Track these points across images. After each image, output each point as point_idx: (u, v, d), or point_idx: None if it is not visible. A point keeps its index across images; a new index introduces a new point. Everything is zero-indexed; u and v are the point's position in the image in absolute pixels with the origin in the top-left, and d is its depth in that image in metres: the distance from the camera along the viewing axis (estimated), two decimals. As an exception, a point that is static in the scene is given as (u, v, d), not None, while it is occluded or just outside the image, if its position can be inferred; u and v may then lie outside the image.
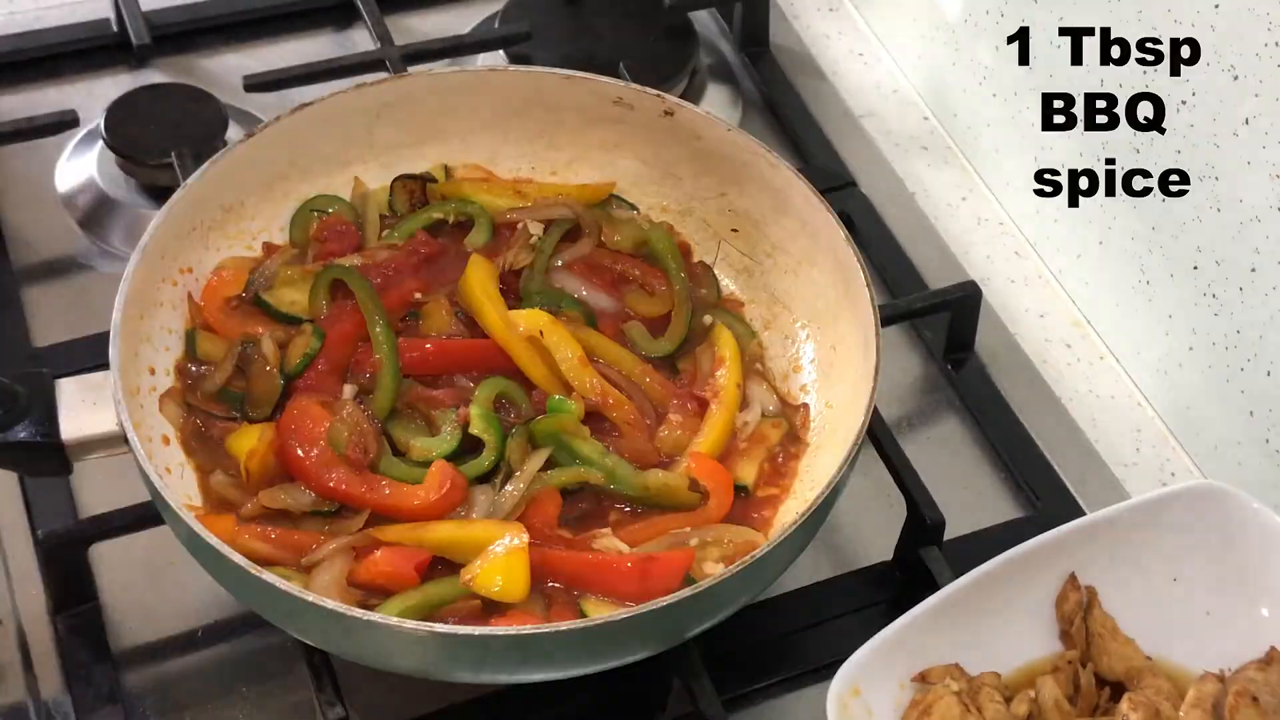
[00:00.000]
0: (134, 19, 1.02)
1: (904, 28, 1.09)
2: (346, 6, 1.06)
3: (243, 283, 0.81)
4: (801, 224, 0.82)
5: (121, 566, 0.78)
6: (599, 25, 1.06)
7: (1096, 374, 0.93)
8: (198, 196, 0.79)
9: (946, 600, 0.71)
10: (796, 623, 0.78)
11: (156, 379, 0.76)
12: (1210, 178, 0.82)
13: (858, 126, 1.05)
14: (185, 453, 0.75)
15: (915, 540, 0.78)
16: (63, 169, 0.97)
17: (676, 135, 0.85)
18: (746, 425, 0.79)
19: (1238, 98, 0.79)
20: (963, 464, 0.87)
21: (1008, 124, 0.99)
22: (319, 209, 0.85)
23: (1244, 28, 0.77)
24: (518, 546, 0.69)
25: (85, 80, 1.03)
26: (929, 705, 0.69)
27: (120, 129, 0.95)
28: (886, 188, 1.01)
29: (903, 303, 0.91)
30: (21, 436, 0.70)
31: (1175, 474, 0.88)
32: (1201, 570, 0.75)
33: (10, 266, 0.91)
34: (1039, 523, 0.79)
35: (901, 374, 0.91)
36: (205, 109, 0.97)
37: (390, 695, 0.75)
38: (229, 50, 1.06)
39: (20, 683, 0.74)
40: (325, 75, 0.97)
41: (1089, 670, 0.72)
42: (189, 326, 0.79)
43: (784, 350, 0.84)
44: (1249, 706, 0.68)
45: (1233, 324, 0.83)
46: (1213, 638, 0.74)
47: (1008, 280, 0.98)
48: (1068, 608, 0.74)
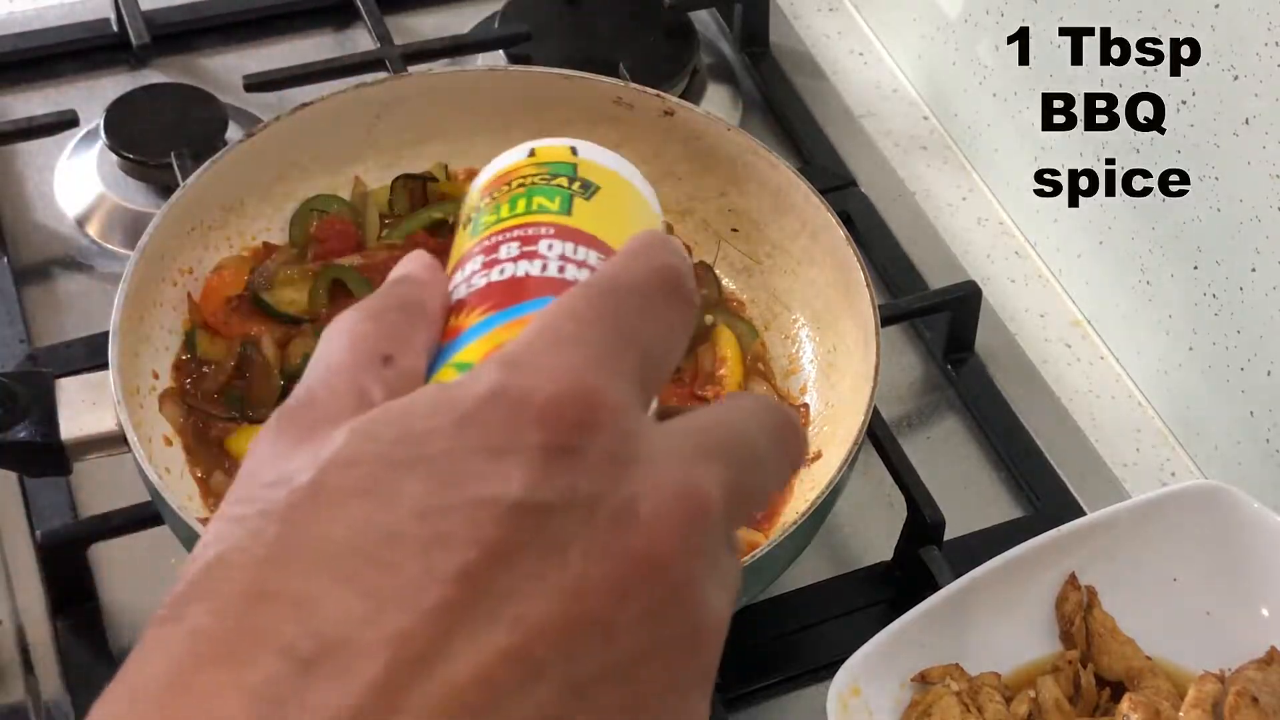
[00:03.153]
0: (134, 19, 1.02)
1: (904, 28, 1.09)
2: (346, 6, 1.05)
3: (243, 283, 0.81)
4: (801, 224, 0.82)
5: (121, 566, 0.78)
6: (599, 25, 1.06)
7: (1096, 374, 0.93)
8: (198, 196, 0.79)
9: (946, 600, 0.71)
10: (796, 623, 0.78)
11: (156, 379, 0.76)
12: (1210, 178, 0.82)
13: (858, 126, 1.05)
14: (185, 453, 0.75)
15: (915, 540, 0.78)
16: (62, 169, 0.97)
17: (676, 135, 0.85)
18: (746, 425, 0.79)
19: (1238, 98, 0.79)
20: (963, 464, 0.87)
21: (1008, 124, 0.99)
22: (319, 209, 0.85)
23: (1244, 28, 0.77)
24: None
25: (85, 80, 1.03)
26: (929, 705, 0.69)
27: (120, 129, 0.94)
28: (886, 188, 1.01)
29: (903, 303, 0.90)
30: (21, 436, 0.70)
31: (1175, 474, 0.88)
32: (1201, 570, 0.75)
33: (10, 266, 0.91)
34: (1039, 523, 0.79)
35: (901, 374, 0.91)
36: (205, 109, 0.97)
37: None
38: (229, 50, 1.05)
39: (20, 683, 0.74)
40: (325, 75, 0.97)
41: (1089, 670, 0.72)
42: (189, 326, 0.79)
43: (784, 350, 0.84)
44: (1249, 706, 0.68)
45: (1233, 324, 0.83)
46: (1213, 638, 0.74)
47: (1008, 280, 0.98)
48: (1068, 608, 0.74)
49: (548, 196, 0.40)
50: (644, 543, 0.30)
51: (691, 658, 0.31)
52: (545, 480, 0.30)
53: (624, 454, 0.31)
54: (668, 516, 0.30)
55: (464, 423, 0.30)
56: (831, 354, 0.81)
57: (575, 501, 0.30)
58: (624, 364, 0.32)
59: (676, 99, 0.85)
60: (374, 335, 0.35)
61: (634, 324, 0.33)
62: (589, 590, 0.29)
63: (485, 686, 0.28)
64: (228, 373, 0.77)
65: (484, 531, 0.29)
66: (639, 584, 0.30)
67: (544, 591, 0.29)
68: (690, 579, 0.31)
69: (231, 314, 0.80)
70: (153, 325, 0.77)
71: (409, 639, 0.28)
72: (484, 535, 0.29)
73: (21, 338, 0.87)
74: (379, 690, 0.28)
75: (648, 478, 0.31)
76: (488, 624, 0.29)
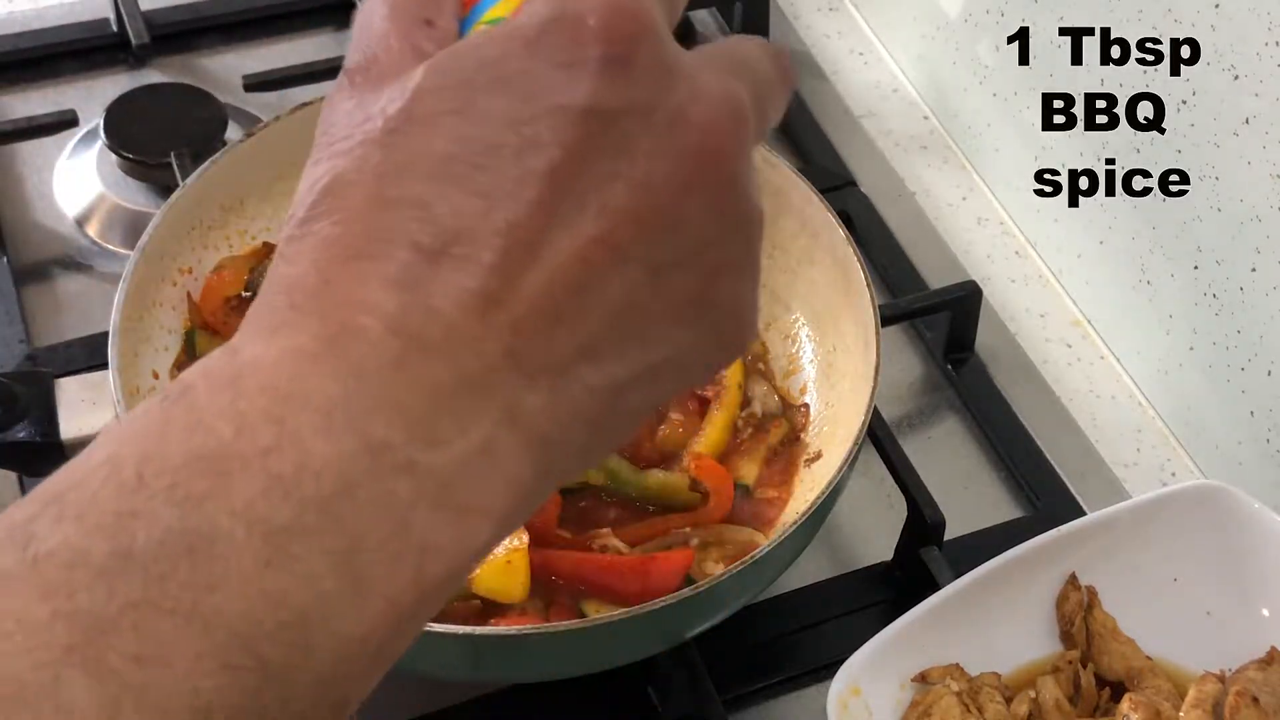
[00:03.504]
0: (134, 19, 1.02)
1: (904, 28, 1.09)
2: (346, 6, 1.06)
3: (243, 283, 0.81)
4: (801, 223, 0.82)
5: (121, 566, 0.78)
6: (599, 25, 1.06)
7: (1096, 374, 0.93)
8: (197, 196, 0.79)
9: (946, 600, 0.71)
10: (796, 623, 0.78)
11: (156, 379, 0.76)
12: (1210, 178, 0.82)
13: (858, 126, 1.05)
14: (185, 453, 0.75)
15: (915, 540, 0.78)
16: (62, 169, 0.97)
17: (676, 135, 0.85)
18: (747, 425, 0.79)
19: (1238, 98, 0.79)
20: (963, 464, 0.87)
21: (1008, 124, 0.99)
22: (319, 209, 0.85)
23: (1244, 28, 0.77)
24: (517, 547, 0.69)
25: (85, 80, 1.03)
26: (929, 705, 0.69)
27: (120, 129, 0.94)
28: (886, 188, 1.01)
29: (903, 303, 0.90)
30: (21, 436, 0.70)
31: (1175, 474, 0.88)
32: (1201, 570, 0.75)
33: (10, 266, 0.91)
34: (1039, 523, 0.79)
35: (901, 374, 0.91)
36: (205, 109, 0.97)
37: (389, 695, 0.74)
38: (229, 50, 1.06)
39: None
40: (325, 75, 0.97)
41: (1089, 670, 0.72)
42: (189, 327, 0.79)
43: (784, 350, 0.84)
44: (1249, 707, 0.68)
45: (1233, 324, 0.83)
46: (1213, 638, 0.74)
47: (1008, 280, 0.98)
48: (1068, 608, 0.74)
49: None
50: (698, 141, 0.34)
51: (744, 243, 0.36)
52: (609, 87, 0.34)
53: (668, 65, 0.35)
54: (716, 118, 0.35)
55: (532, 45, 0.34)
56: (831, 354, 0.81)
57: (634, 106, 0.34)
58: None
59: (676, 99, 0.85)
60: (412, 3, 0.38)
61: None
62: (657, 185, 0.34)
63: (584, 267, 0.33)
64: (228, 373, 0.77)
65: (564, 134, 0.33)
66: (697, 179, 0.34)
67: (619, 187, 0.34)
68: (737, 174, 0.35)
69: (231, 314, 0.80)
70: (153, 325, 0.77)
71: (517, 227, 0.33)
72: (565, 137, 0.33)
73: (21, 338, 0.87)
74: (498, 271, 0.33)
75: (692, 85, 0.35)
76: (578, 213, 0.33)
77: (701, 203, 0.35)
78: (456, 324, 0.32)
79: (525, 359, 0.33)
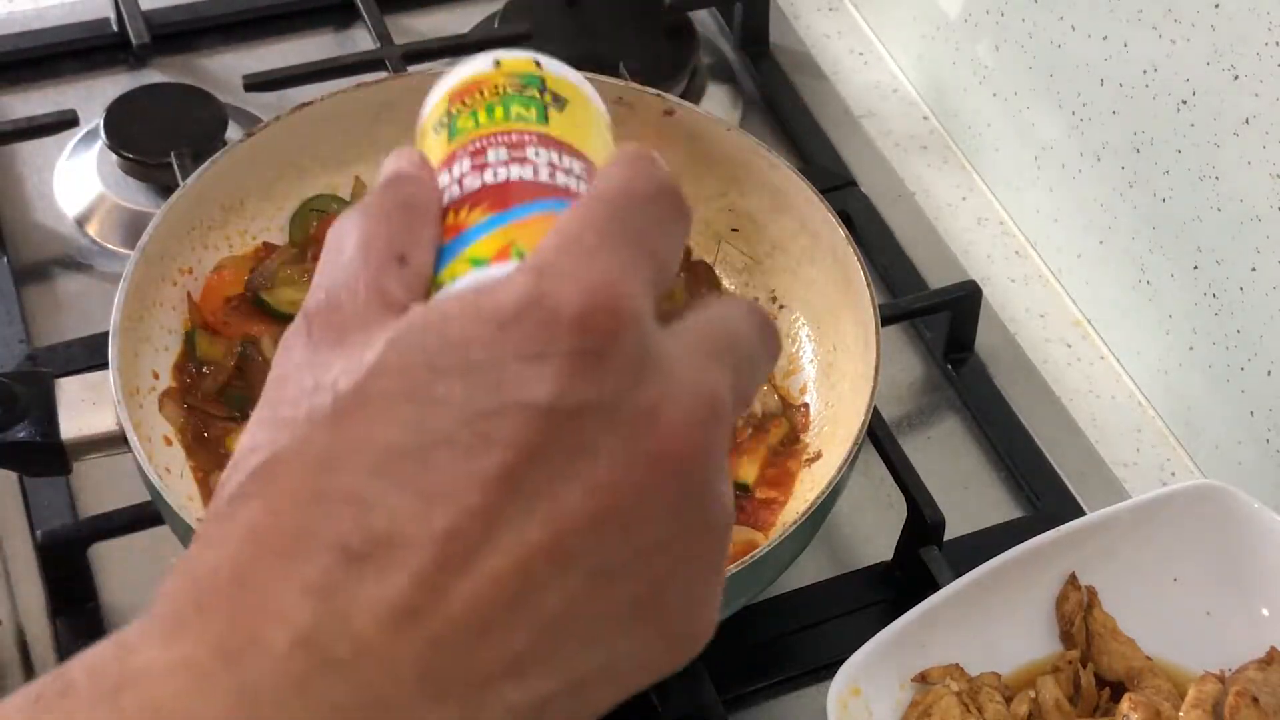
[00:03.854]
0: (134, 18, 1.02)
1: (904, 28, 1.09)
2: (346, 6, 1.06)
3: (243, 283, 0.81)
4: (801, 223, 0.82)
5: (121, 566, 0.78)
6: (599, 25, 1.06)
7: (1096, 374, 0.93)
8: (197, 196, 0.79)
9: (946, 600, 0.71)
10: (796, 623, 0.78)
11: (156, 379, 0.76)
12: (1210, 178, 0.82)
13: (858, 126, 1.05)
14: (185, 453, 0.75)
15: (915, 540, 0.78)
16: (62, 169, 0.97)
17: (677, 135, 0.85)
18: (747, 425, 0.79)
19: (1237, 98, 0.79)
20: (963, 464, 0.87)
21: (1008, 124, 0.99)
22: (319, 209, 0.85)
23: (1244, 28, 0.77)
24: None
25: (85, 80, 1.03)
26: (929, 705, 0.69)
27: (120, 129, 0.94)
28: (886, 188, 1.01)
29: (903, 302, 0.90)
30: (21, 436, 0.70)
31: (1175, 474, 0.88)
32: (1201, 570, 0.75)
33: (10, 266, 0.91)
34: (1039, 523, 0.79)
35: (901, 374, 0.91)
36: (205, 109, 0.97)
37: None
38: (229, 50, 1.06)
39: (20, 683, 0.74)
40: (325, 75, 0.97)
41: (1089, 670, 0.72)
42: (189, 327, 0.79)
43: (784, 350, 0.83)
44: (1249, 707, 0.68)
45: (1233, 324, 0.83)
46: (1213, 638, 0.74)
47: (1008, 280, 0.98)
48: (1068, 608, 0.74)
49: (524, 106, 0.42)
50: (664, 445, 0.33)
51: (705, 546, 0.34)
52: (576, 385, 0.32)
53: (644, 359, 0.33)
54: (688, 422, 0.33)
55: (504, 329, 0.32)
56: (831, 354, 0.81)
57: (602, 405, 0.32)
58: (642, 273, 0.34)
59: (676, 99, 0.85)
60: (385, 235, 0.37)
61: (647, 235, 0.35)
62: (616, 488, 0.32)
63: (522, 577, 0.31)
64: (228, 373, 0.77)
65: (521, 434, 0.31)
66: (661, 482, 0.33)
67: (574, 489, 0.32)
68: (705, 476, 0.33)
69: (231, 314, 0.80)
70: (153, 325, 0.77)
71: (454, 535, 0.31)
72: (521, 438, 0.31)
73: (21, 338, 0.87)
74: (424, 582, 0.30)
75: (666, 381, 0.33)
76: (524, 518, 0.31)
77: (661, 508, 0.33)
78: (369, 640, 0.30)
79: (440, 677, 0.30)
